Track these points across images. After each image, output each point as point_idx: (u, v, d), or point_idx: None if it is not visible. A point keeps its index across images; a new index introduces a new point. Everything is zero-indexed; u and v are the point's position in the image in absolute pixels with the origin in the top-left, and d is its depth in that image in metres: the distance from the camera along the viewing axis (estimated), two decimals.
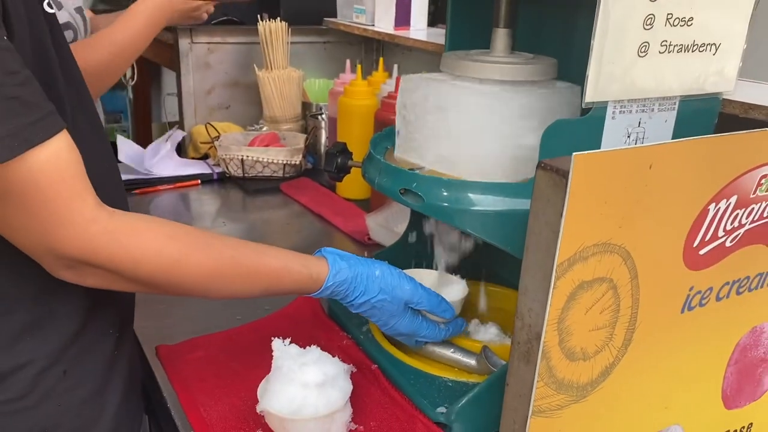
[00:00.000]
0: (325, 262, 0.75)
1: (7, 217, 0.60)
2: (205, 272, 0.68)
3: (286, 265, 0.73)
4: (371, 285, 0.76)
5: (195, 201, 1.55)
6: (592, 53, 0.61)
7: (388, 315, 0.78)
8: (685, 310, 0.64)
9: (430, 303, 0.80)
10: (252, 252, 0.72)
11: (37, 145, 0.57)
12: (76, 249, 0.61)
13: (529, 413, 0.57)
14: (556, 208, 0.51)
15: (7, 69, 0.55)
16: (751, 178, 0.62)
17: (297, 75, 1.75)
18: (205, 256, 0.68)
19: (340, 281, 0.75)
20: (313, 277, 0.74)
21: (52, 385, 0.68)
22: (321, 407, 0.69)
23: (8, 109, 0.55)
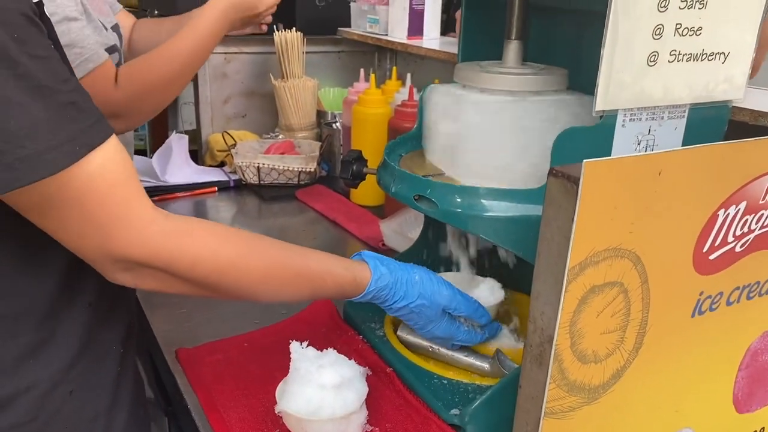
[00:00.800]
0: (367, 267, 0.76)
1: (64, 222, 0.60)
2: (258, 275, 0.69)
3: (330, 270, 0.74)
4: (411, 290, 0.77)
5: (212, 208, 1.57)
6: (602, 63, 0.62)
7: (426, 320, 0.80)
8: (696, 314, 0.65)
9: (468, 309, 0.81)
10: (299, 256, 0.73)
11: (95, 148, 0.57)
12: (135, 251, 0.61)
13: (541, 415, 0.58)
14: (567, 213, 0.52)
15: (61, 76, 0.57)
16: (760, 185, 0.63)
17: (312, 84, 1.77)
18: (259, 259, 0.69)
19: (381, 286, 0.76)
20: (356, 281, 0.75)
21: (58, 406, 0.68)
22: (338, 409, 0.71)
23: (66, 115, 0.56)
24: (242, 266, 0.68)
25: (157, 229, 0.62)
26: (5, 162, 0.53)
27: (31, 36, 0.55)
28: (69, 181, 0.57)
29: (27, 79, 0.54)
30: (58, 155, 0.55)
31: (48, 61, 0.56)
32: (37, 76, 0.54)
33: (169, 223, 0.63)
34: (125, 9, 1.37)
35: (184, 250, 0.63)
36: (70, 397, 0.69)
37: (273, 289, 0.71)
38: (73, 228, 0.60)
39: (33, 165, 0.54)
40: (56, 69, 0.57)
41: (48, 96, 0.55)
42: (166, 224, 0.63)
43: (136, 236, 0.61)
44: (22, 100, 0.53)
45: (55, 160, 0.55)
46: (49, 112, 0.55)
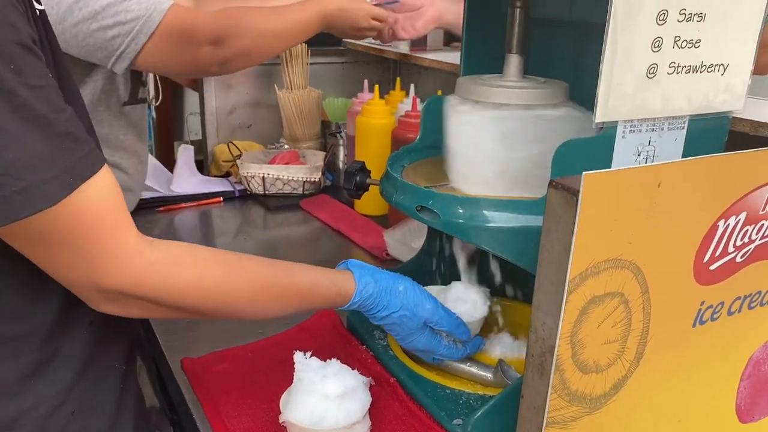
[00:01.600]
0: (352, 277, 0.77)
1: (51, 252, 0.60)
2: (245, 296, 0.70)
3: (316, 283, 0.75)
4: (393, 300, 0.78)
5: (217, 218, 1.58)
6: (602, 75, 0.63)
7: (407, 331, 0.80)
8: (697, 324, 0.65)
9: (449, 325, 0.81)
10: (284, 272, 0.74)
11: (87, 179, 0.58)
12: (121, 283, 0.61)
13: (543, 425, 0.59)
14: (567, 225, 0.53)
15: (58, 106, 0.57)
16: (759, 195, 0.64)
17: (316, 95, 1.78)
18: (244, 280, 0.70)
19: (366, 296, 0.77)
20: (341, 292, 0.76)
21: (61, 427, 0.68)
22: (341, 418, 0.71)
23: (62, 145, 0.56)
24: (228, 290, 0.69)
25: (143, 260, 0.62)
26: (3, 194, 0.53)
27: (29, 65, 0.55)
28: (60, 213, 0.57)
29: (24, 109, 0.54)
30: (54, 187, 0.55)
31: (45, 90, 0.56)
32: (35, 106, 0.54)
33: (154, 253, 0.63)
34: None
35: (170, 281, 0.64)
36: (72, 418, 0.69)
37: (261, 307, 0.72)
38: (59, 258, 0.60)
39: (30, 197, 0.54)
40: (53, 98, 0.57)
41: (45, 126, 0.55)
42: (152, 255, 0.63)
43: (122, 268, 0.61)
44: (19, 132, 0.53)
45: (51, 192, 0.55)
46: (47, 143, 0.55)
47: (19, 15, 0.55)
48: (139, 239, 0.63)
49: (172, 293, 0.65)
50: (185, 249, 0.68)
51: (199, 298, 0.67)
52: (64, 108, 0.58)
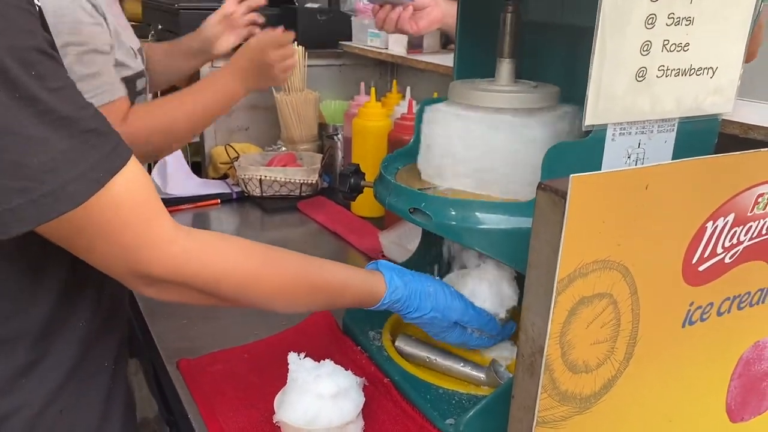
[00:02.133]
0: (382, 279, 0.78)
1: (90, 245, 0.61)
2: (277, 287, 0.71)
3: (347, 282, 0.77)
4: (424, 302, 0.79)
5: (215, 220, 1.59)
6: (591, 78, 0.63)
7: (438, 329, 0.82)
8: (686, 324, 0.66)
9: (479, 323, 0.83)
10: (316, 268, 0.76)
11: (117, 172, 0.58)
12: (159, 269, 0.63)
13: (533, 424, 0.59)
14: (555, 227, 0.54)
15: (80, 103, 0.57)
16: (747, 197, 0.64)
17: (314, 97, 1.79)
18: (277, 272, 0.71)
19: (395, 299, 0.78)
20: (372, 294, 0.77)
21: (50, 425, 0.69)
22: (334, 418, 0.72)
23: (87, 142, 0.57)
24: (262, 280, 0.70)
25: (178, 248, 0.63)
26: (30, 198, 0.54)
27: (48, 69, 0.56)
28: (93, 208, 0.57)
29: (49, 113, 0.54)
30: (82, 186, 0.56)
31: (66, 90, 0.57)
32: (58, 108, 0.55)
33: (189, 241, 0.65)
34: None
35: (207, 267, 0.66)
36: (60, 416, 0.70)
37: (290, 300, 0.73)
38: (98, 250, 0.61)
39: (58, 199, 0.55)
40: (75, 97, 0.57)
41: (69, 126, 0.56)
42: (187, 242, 0.64)
43: (159, 256, 0.62)
44: (45, 136, 0.54)
45: (78, 191, 0.56)
46: (72, 141, 0.56)
47: (34, 20, 0.56)
48: (174, 227, 0.64)
49: (209, 280, 0.66)
50: (222, 238, 0.70)
51: (235, 285, 0.68)
52: (87, 104, 0.58)
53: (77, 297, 0.70)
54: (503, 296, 0.86)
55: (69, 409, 0.71)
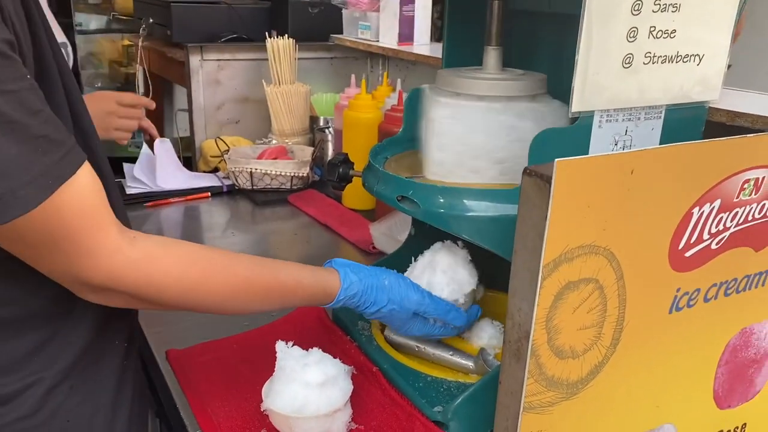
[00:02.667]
0: (337, 276, 0.78)
1: (32, 252, 0.61)
2: (223, 294, 0.71)
3: (300, 282, 0.76)
4: (380, 296, 0.79)
5: (205, 213, 1.58)
6: (578, 65, 0.63)
7: (399, 321, 0.82)
8: (673, 310, 0.66)
9: (437, 312, 0.83)
10: (267, 270, 0.75)
11: (66, 180, 0.58)
12: (101, 278, 0.62)
13: (520, 410, 0.60)
14: (540, 212, 0.54)
15: (33, 109, 0.56)
16: (733, 183, 0.64)
17: (304, 90, 1.79)
18: (223, 279, 0.70)
19: (350, 295, 0.78)
20: (326, 291, 0.77)
21: (60, 401, 0.69)
22: (322, 406, 0.72)
23: (37, 149, 0.56)
24: (207, 288, 0.69)
25: (121, 258, 0.63)
26: None
27: (2, 71, 0.54)
28: (37, 216, 0.57)
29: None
30: (31, 192, 0.55)
31: (19, 94, 0.55)
32: (8, 112, 0.54)
33: (134, 250, 0.64)
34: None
35: (149, 278, 0.65)
36: (71, 392, 0.71)
37: (240, 305, 0.73)
38: (40, 256, 0.61)
39: (8, 204, 0.54)
40: (28, 102, 0.56)
41: (19, 131, 0.55)
42: (132, 252, 0.64)
43: (102, 265, 0.62)
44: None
45: (27, 197, 0.55)
46: (21, 147, 0.55)
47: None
48: (118, 236, 0.63)
49: (151, 289, 0.66)
50: (166, 245, 0.68)
51: (179, 295, 0.68)
52: (40, 109, 0.57)
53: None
54: (460, 282, 0.85)
55: (79, 385, 0.71)
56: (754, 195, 0.66)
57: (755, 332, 0.75)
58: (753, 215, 0.67)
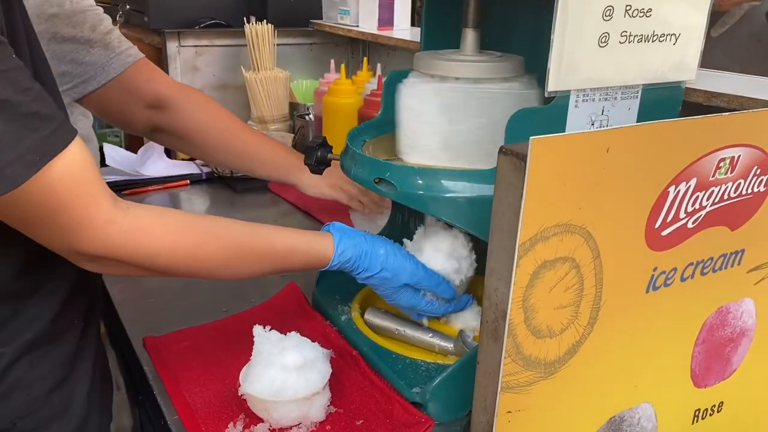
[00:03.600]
0: (331, 241, 0.80)
1: (29, 224, 0.63)
2: (217, 260, 0.73)
3: (293, 247, 0.78)
4: (374, 263, 0.80)
5: (185, 200, 1.57)
6: (553, 44, 0.63)
7: (389, 290, 0.83)
8: (650, 290, 0.66)
9: (429, 283, 0.83)
10: (260, 237, 0.77)
11: (57, 155, 0.59)
12: (96, 248, 0.64)
13: (498, 390, 0.59)
14: (516, 190, 0.53)
15: (22, 87, 0.57)
16: (709, 162, 0.64)
17: (284, 76, 1.77)
18: (216, 246, 0.72)
19: (344, 260, 0.80)
20: (319, 256, 0.79)
21: (20, 375, 0.71)
22: (300, 389, 0.72)
23: (27, 125, 0.57)
24: (201, 255, 0.71)
25: (116, 228, 0.65)
26: None
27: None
28: (31, 190, 0.59)
29: None
30: (20, 168, 0.57)
31: (8, 73, 0.57)
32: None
33: (128, 220, 0.66)
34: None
35: (143, 247, 0.67)
36: (30, 367, 0.72)
37: (234, 269, 0.75)
38: (37, 228, 0.63)
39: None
40: (17, 80, 0.57)
41: (8, 109, 0.56)
42: (125, 222, 0.66)
43: (96, 236, 0.64)
44: None
45: (16, 173, 0.57)
46: (10, 125, 0.56)
47: None
48: (111, 208, 0.65)
49: (146, 258, 0.68)
50: (160, 215, 0.70)
51: (173, 262, 0.70)
52: (30, 87, 0.58)
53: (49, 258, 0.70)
54: (457, 266, 0.85)
55: (38, 361, 0.72)
56: (729, 174, 0.66)
57: (731, 311, 0.76)
58: (729, 194, 0.68)
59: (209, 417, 0.76)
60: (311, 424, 0.75)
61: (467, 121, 0.77)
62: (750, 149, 0.65)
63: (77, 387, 0.76)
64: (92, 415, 0.78)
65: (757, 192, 0.68)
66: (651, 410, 0.72)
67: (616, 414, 0.68)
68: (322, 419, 0.76)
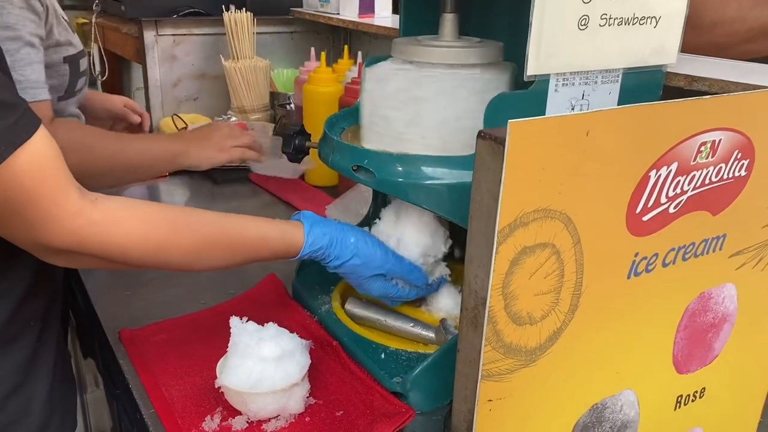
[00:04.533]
0: (302, 230, 0.79)
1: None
2: (188, 251, 0.71)
3: (265, 236, 0.77)
4: (344, 251, 0.79)
5: (164, 192, 1.55)
6: (532, 27, 0.62)
7: (361, 278, 0.82)
8: (632, 275, 0.66)
9: (401, 270, 0.83)
10: (231, 227, 0.75)
11: (21, 145, 0.57)
12: (65, 242, 0.62)
13: (479, 378, 0.59)
14: (495, 175, 0.52)
15: None
16: (690, 146, 0.64)
17: (264, 65, 1.75)
18: (187, 237, 0.71)
19: (315, 249, 0.79)
20: (291, 244, 0.78)
21: None
22: (278, 381, 0.71)
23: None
24: (172, 247, 0.70)
25: (84, 220, 0.63)
26: None
27: None
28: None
29: None
30: None
31: None
32: None
33: (96, 211, 0.64)
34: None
35: (112, 239, 0.65)
36: None
37: (205, 261, 0.73)
38: (2, 221, 0.61)
39: None
40: None
41: None
42: (94, 213, 0.64)
43: (63, 228, 0.62)
44: None
45: None
46: None
47: None
48: (79, 199, 0.63)
49: (116, 250, 0.66)
50: (129, 206, 0.68)
51: (144, 254, 0.68)
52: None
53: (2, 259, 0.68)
54: (427, 245, 0.85)
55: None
56: (710, 158, 0.65)
57: (713, 297, 0.75)
58: (710, 178, 0.67)
59: (186, 410, 0.74)
60: (290, 416, 0.74)
61: (448, 107, 0.75)
62: (731, 133, 0.64)
63: (36, 392, 0.74)
64: (53, 421, 0.76)
65: (738, 176, 0.67)
66: (633, 397, 0.72)
67: (598, 401, 0.68)
68: (302, 411, 0.75)
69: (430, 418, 0.76)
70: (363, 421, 0.74)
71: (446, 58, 0.77)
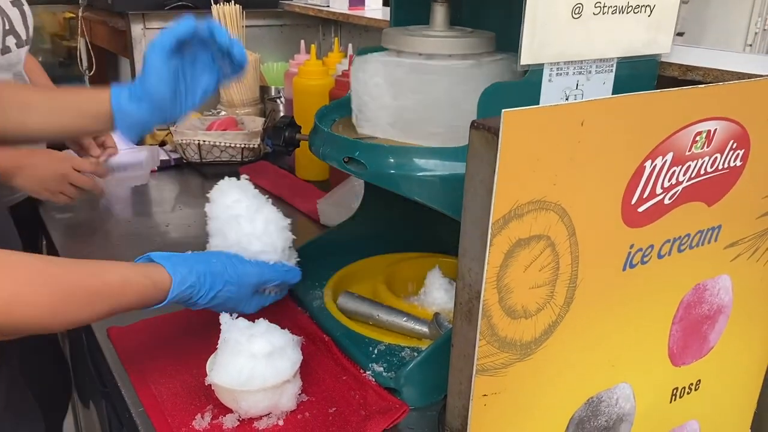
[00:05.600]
0: (164, 270, 0.73)
1: None
2: (43, 307, 0.63)
3: (127, 279, 0.70)
4: (216, 281, 0.76)
5: (153, 187, 1.53)
6: (525, 16, 0.61)
7: (236, 302, 0.79)
8: (627, 267, 0.65)
9: (277, 276, 0.82)
10: (89, 274, 0.68)
11: None
12: None
13: (473, 372, 0.58)
14: (489, 166, 0.51)
15: None
16: (685, 136, 0.63)
17: (253, 58, 1.73)
18: (39, 290, 0.62)
19: (185, 288, 0.73)
20: (157, 286, 0.72)
21: None
22: (269, 378, 0.69)
23: None
24: (22, 303, 0.61)
25: None
26: None
27: None
28: None
29: None
30: None
31: None
32: None
33: None
34: None
35: None
36: None
37: (65, 317, 0.65)
38: None
39: None
40: None
41: None
42: None
43: None
44: None
45: None
46: None
47: None
48: None
49: None
50: None
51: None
52: None
53: None
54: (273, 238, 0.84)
55: None
56: (706, 148, 0.65)
57: (708, 288, 0.75)
58: (705, 169, 0.66)
59: (176, 408, 0.73)
60: (282, 414, 0.73)
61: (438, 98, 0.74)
62: (726, 122, 0.64)
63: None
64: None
65: (733, 167, 0.67)
66: (629, 390, 0.71)
67: (594, 395, 0.67)
68: (294, 408, 0.74)
69: (424, 413, 0.75)
70: (356, 418, 0.73)
71: (437, 48, 0.76)
